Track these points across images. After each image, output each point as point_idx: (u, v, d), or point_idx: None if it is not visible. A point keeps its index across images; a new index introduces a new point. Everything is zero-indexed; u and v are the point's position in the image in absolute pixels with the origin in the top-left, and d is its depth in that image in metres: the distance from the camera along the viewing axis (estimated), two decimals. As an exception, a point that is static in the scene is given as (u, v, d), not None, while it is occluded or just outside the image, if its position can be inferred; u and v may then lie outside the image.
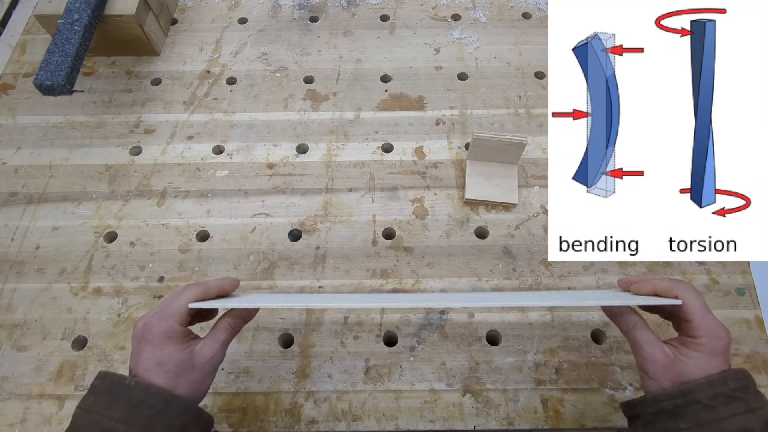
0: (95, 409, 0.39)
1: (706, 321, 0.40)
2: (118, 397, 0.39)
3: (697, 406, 0.38)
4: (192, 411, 0.41)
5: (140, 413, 0.38)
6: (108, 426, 0.37)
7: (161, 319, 0.42)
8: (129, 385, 0.39)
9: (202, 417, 0.42)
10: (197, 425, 0.41)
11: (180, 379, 0.41)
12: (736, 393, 0.38)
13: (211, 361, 0.43)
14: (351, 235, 0.65)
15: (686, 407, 0.38)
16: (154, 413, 0.38)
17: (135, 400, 0.38)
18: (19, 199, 0.69)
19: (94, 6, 0.71)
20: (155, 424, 0.38)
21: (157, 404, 0.39)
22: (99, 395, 0.40)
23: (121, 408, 0.38)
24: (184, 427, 0.40)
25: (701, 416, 0.38)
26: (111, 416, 0.38)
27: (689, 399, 0.38)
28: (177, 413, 0.40)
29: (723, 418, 0.37)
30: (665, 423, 0.39)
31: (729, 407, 0.37)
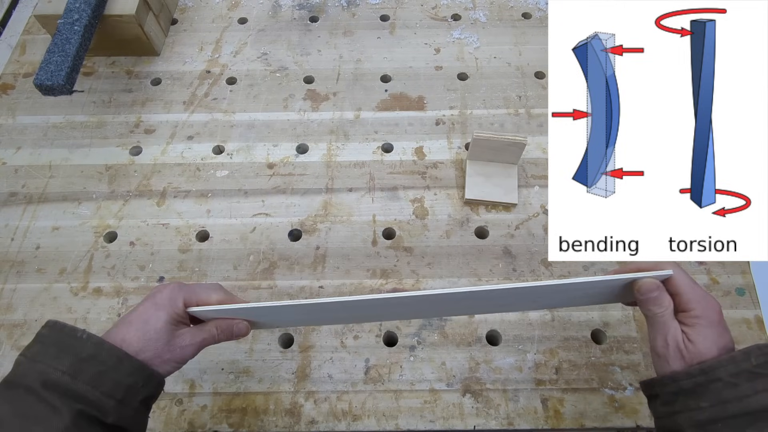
0: (40, 358, 0.37)
1: (695, 292, 0.40)
2: (67, 349, 0.38)
3: (718, 384, 0.37)
4: (143, 371, 0.40)
5: (89, 368, 0.37)
6: (53, 377, 0.36)
7: (178, 290, 0.42)
8: (81, 338, 0.38)
9: (153, 379, 0.41)
10: (147, 387, 0.40)
11: (147, 344, 0.40)
12: (758, 369, 0.36)
13: (183, 350, 0.42)
14: (351, 235, 0.65)
15: (707, 385, 0.37)
16: (103, 369, 0.37)
17: (85, 354, 0.37)
18: (19, 199, 0.69)
19: (94, 6, 0.71)
20: (103, 380, 0.37)
21: (108, 360, 0.38)
22: (46, 345, 0.38)
23: (68, 360, 0.37)
24: (134, 386, 0.39)
25: (723, 394, 0.37)
26: (57, 367, 0.36)
27: (710, 377, 0.37)
28: (127, 372, 0.38)
29: (746, 396, 0.36)
30: (685, 402, 0.38)
31: (752, 384, 0.36)
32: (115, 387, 0.38)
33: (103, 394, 0.37)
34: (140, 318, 0.41)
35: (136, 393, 0.39)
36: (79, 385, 0.36)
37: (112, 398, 0.37)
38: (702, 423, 0.37)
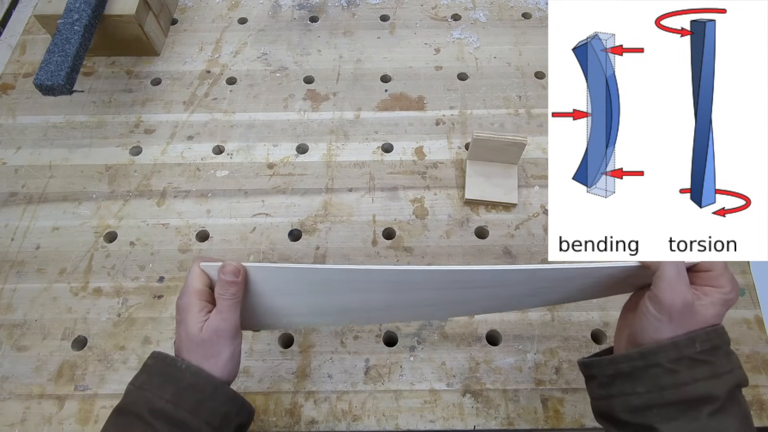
0: (147, 387, 0.40)
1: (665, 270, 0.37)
2: (170, 378, 0.40)
3: (657, 370, 0.35)
4: (236, 401, 0.42)
5: (189, 397, 0.39)
6: (158, 405, 0.38)
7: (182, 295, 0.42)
8: (180, 368, 0.40)
9: (245, 408, 0.43)
10: (240, 416, 0.42)
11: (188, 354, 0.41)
12: (701, 356, 0.35)
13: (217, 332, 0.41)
14: (351, 235, 0.65)
15: (646, 370, 0.36)
16: (202, 398, 0.39)
17: (185, 383, 0.39)
18: (19, 199, 0.69)
19: (94, 6, 0.71)
20: (202, 409, 0.39)
21: (206, 389, 0.40)
22: (152, 375, 0.41)
23: (171, 389, 0.39)
24: (228, 415, 0.41)
25: (661, 380, 0.35)
26: (162, 396, 0.39)
27: (649, 362, 0.36)
28: (223, 401, 0.40)
29: (684, 383, 0.35)
30: (621, 386, 0.37)
31: (692, 371, 0.35)
32: (212, 415, 0.40)
33: (202, 421, 0.39)
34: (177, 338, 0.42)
35: (230, 421, 0.41)
36: (180, 413, 0.38)
37: (210, 425, 0.39)
38: (636, 408, 0.36)
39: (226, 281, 0.42)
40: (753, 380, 0.55)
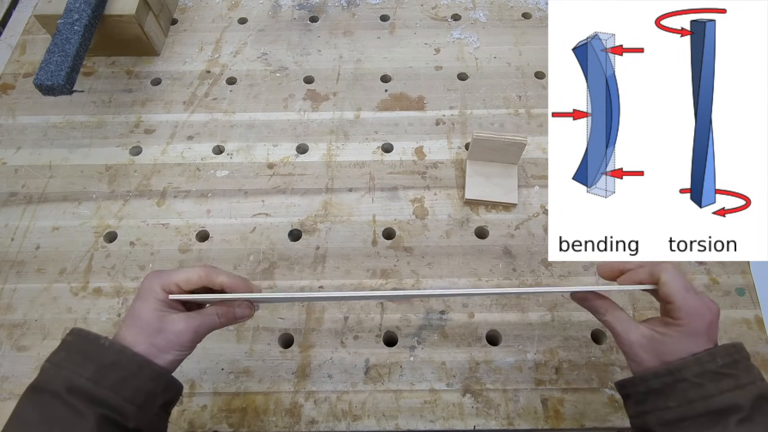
0: (65, 364, 0.39)
1: (686, 302, 0.40)
2: (91, 355, 0.39)
3: (684, 384, 0.38)
4: (163, 378, 0.41)
5: (111, 374, 0.38)
6: (77, 383, 0.37)
7: (158, 279, 0.42)
8: (103, 345, 0.39)
9: (172, 385, 0.42)
10: (166, 393, 0.41)
11: (141, 337, 0.40)
12: (724, 369, 0.38)
13: (178, 336, 0.41)
14: (351, 235, 0.65)
15: (674, 385, 0.38)
16: (125, 375, 0.38)
17: (107, 361, 0.38)
18: (19, 199, 0.69)
19: (94, 6, 0.71)
20: (125, 386, 0.38)
21: (129, 367, 0.39)
22: (71, 352, 0.40)
23: (92, 367, 0.38)
24: (153, 393, 0.40)
25: (689, 394, 0.38)
26: (81, 374, 0.38)
27: (676, 377, 0.38)
28: (148, 378, 0.39)
29: (711, 395, 0.37)
30: (655, 402, 0.39)
31: (717, 384, 0.37)
32: (136, 393, 0.39)
33: (124, 399, 0.38)
34: (130, 314, 0.41)
35: (156, 398, 0.40)
36: (101, 390, 0.37)
37: (133, 404, 0.38)
38: (670, 422, 0.38)
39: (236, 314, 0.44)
40: (753, 380, 0.55)
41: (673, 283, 0.40)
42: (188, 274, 0.42)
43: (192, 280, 0.42)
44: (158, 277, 0.42)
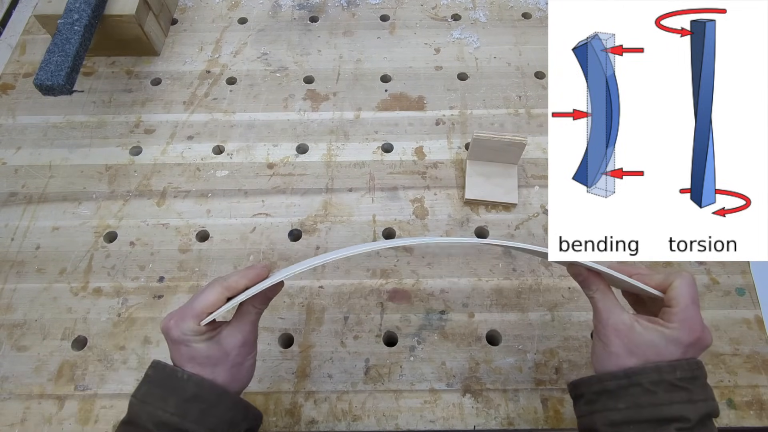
0: (150, 400, 0.40)
1: (686, 311, 0.39)
2: (172, 390, 0.40)
3: (637, 389, 0.38)
4: (241, 406, 0.42)
5: (194, 407, 0.39)
6: (163, 418, 0.38)
7: (179, 321, 0.41)
8: (182, 378, 0.40)
9: (250, 412, 0.43)
10: (246, 420, 0.42)
11: (217, 370, 0.41)
12: (681, 383, 0.38)
13: (241, 348, 0.42)
14: (351, 235, 0.65)
15: (627, 388, 0.38)
16: (206, 407, 0.40)
17: (188, 394, 0.39)
18: (19, 199, 0.69)
19: (94, 6, 0.71)
20: (208, 417, 0.39)
21: (210, 398, 0.40)
22: (153, 386, 0.41)
23: (174, 401, 0.39)
24: (234, 421, 0.41)
25: (640, 399, 0.38)
26: (165, 409, 0.39)
27: (632, 381, 0.38)
28: (228, 407, 0.41)
29: (661, 404, 0.37)
30: (605, 402, 0.39)
31: (670, 395, 0.37)
32: (218, 423, 0.40)
33: (208, 430, 0.39)
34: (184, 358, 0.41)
35: (237, 426, 0.42)
36: (187, 424, 0.39)
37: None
38: (615, 422, 0.39)
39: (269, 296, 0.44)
40: (753, 380, 0.55)
41: (683, 288, 0.40)
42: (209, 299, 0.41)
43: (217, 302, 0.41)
44: (184, 316, 0.41)
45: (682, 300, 0.39)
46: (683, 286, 0.40)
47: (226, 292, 0.42)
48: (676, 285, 0.40)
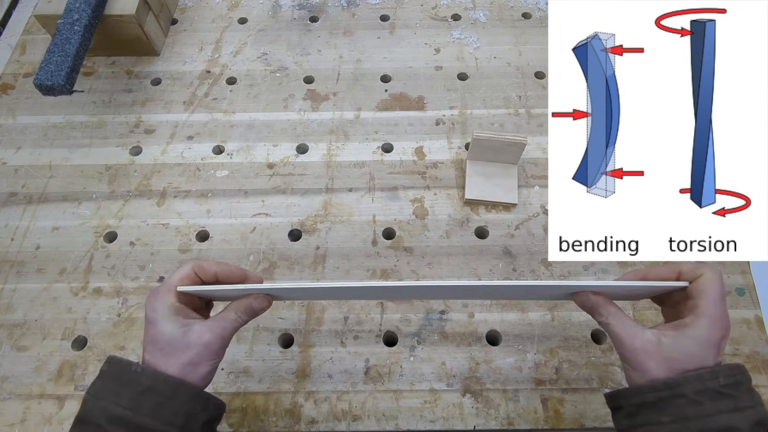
0: (103, 395, 0.39)
1: (716, 308, 0.37)
2: (126, 383, 0.39)
3: (681, 400, 0.36)
4: (200, 397, 0.41)
5: (147, 400, 0.38)
6: (116, 413, 0.38)
7: (156, 296, 0.41)
8: (136, 372, 0.39)
9: (210, 403, 0.42)
10: (206, 411, 0.41)
11: (171, 359, 0.40)
12: (725, 390, 0.36)
13: (208, 346, 0.41)
14: (351, 235, 0.65)
15: (670, 400, 0.36)
16: (161, 400, 0.38)
17: (142, 387, 0.39)
18: (19, 199, 0.69)
19: (94, 6, 0.71)
20: (162, 411, 0.38)
21: (165, 391, 0.39)
22: (107, 381, 0.40)
23: (128, 395, 0.38)
24: (192, 413, 0.40)
25: (685, 411, 0.36)
26: (118, 403, 0.38)
27: (674, 392, 0.36)
28: (185, 400, 0.39)
29: (707, 415, 0.35)
30: (647, 415, 0.38)
31: (716, 404, 0.35)
32: (174, 415, 0.39)
33: (164, 423, 0.38)
34: (149, 340, 0.41)
35: (196, 418, 0.40)
36: (140, 418, 0.38)
37: (174, 426, 0.38)
38: None
39: (254, 308, 0.43)
40: (753, 380, 0.55)
41: (713, 282, 0.38)
42: (181, 273, 0.42)
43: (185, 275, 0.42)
44: (159, 292, 0.41)
45: (711, 294, 0.38)
46: (714, 280, 0.38)
47: (198, 270, 0.42)
48: (707, 278, 0.38)
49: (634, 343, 0.39)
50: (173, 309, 0.41)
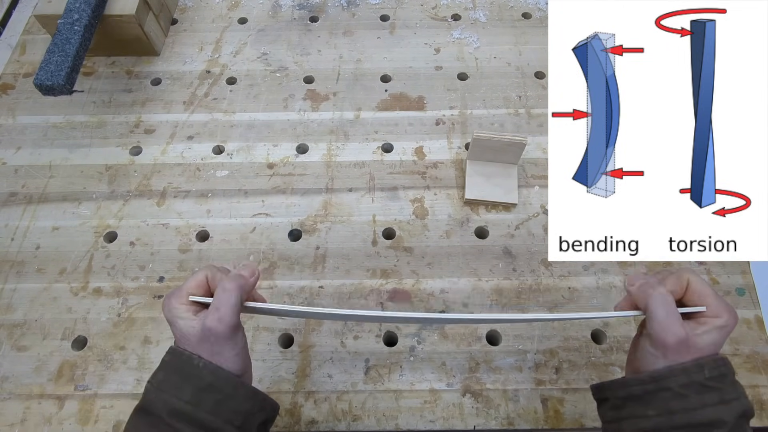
0: (165, 387, 0.39)
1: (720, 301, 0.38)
2: (188, 378, 0.39)
3: (667, 394, 0.37)
4: (257, 398, 0.41)
5: (209, 397, 0.38)
6: (178, 407, 0.37)
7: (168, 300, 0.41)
8: (198, 366, 0.39)
9: (267, 403, 0.42)
10: (263, 411, 0.41)
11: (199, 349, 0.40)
12: (710, 382, 0.36)
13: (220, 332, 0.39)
14: (351, 235, 0.65)
15: (656, 393, 0.37)
16: (221, 398, 0.39)
17: (204, 383, 0.38)
18: (19, 199, 0.69)
19: (94, 6, 0.71)
20: (223, 408, 0.39)
21: (225, 389, 0.39)
22: (169, 373, 0.40)
23: (190, 389, 0.38)
24: (251, 412, 0.40)
25: (671, 404, 0.36)
26: (180, 397, 0.38)
27: (660, 385, 0.37)
28: (243, 399, 0.40)
29: (693, 408, 0.36)
30: (633, 408, 0.38)
31: (701, 397, 0.36)
32: (234, 414, 0.39)
33: (224, 421, 0.38)
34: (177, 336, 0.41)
35: (253, 418, 0.40)
36: (201, 414, 0.38)
37: (232, 425, 0.39)
38: (646, 430, 0.37)
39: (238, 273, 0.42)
40: (753, 380, 0.55)
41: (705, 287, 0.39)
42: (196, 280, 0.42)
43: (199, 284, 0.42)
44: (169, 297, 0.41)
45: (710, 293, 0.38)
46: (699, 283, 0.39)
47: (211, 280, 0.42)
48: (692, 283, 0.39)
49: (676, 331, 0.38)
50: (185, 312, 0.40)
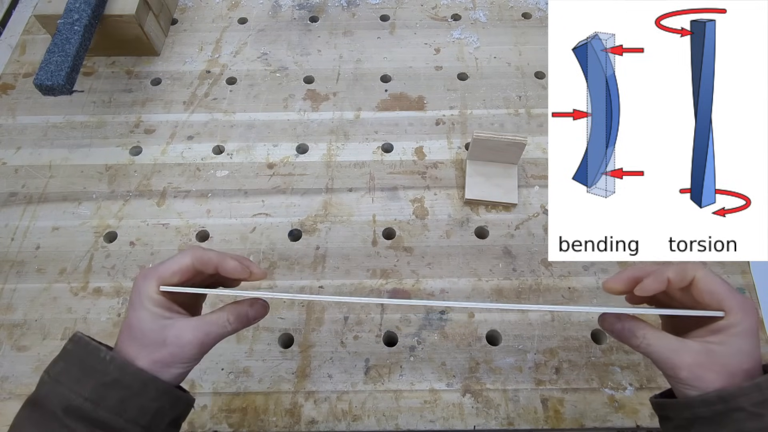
0: (64, 380, 0.35)
1: (735, 297, 0.36)
2: (91, 371, 0.35)
3: (740, 414, 0.33)
4: (170, 395, 0.37)
5: (112, 394, 0.35)
6: (75, 403, 0.34)
7: (141, 280, 0.37)
8: (104, 359, 0.35)
9: (181, 400, 0.38)
10: (175, 408, 0.38)
11: (143, 351, 0.36)
12: None
13: (183, 348, 0.36)
14: (351, 235, 0.65)
15: (728, 414, 0.33)
16: (128, 395, 0.35)
17: (108, 378, 0.35)
18: (19, 199, 0.69)
19: (94, 6, 0.71)
20: (128, 406, 0.35)
21: (133, 385, 0.35)
22: (70, 364, 0.36)
23: (91, 384, 0.34)
24: (161, 411, 0.36)
25: (745, 425, 0.33)
26: (80, 393, 0.34)
27: (731, 406, 0.33)
28: (153, 396, 0.36)
29: None
30: (702, 429, 0.35)
31: None
32: (141, 413, 0.35)
33: (127, 421, 0.35)
34: (127, 324, 0.37)
35: (163, 416, 0.37)
36: (101, 413, 0.34)
37: (138, 425, 0.35)
38: None
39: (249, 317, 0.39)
40: (753, 380, 0.55)
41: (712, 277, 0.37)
42: (177, 262, 0.38)
43: (184, 268, 0.38)
44: (148, 276, 0.37)
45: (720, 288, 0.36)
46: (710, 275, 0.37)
47: (198, 262, 0.38)
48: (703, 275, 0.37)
49: (685, 359, 0.35)
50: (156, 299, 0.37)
